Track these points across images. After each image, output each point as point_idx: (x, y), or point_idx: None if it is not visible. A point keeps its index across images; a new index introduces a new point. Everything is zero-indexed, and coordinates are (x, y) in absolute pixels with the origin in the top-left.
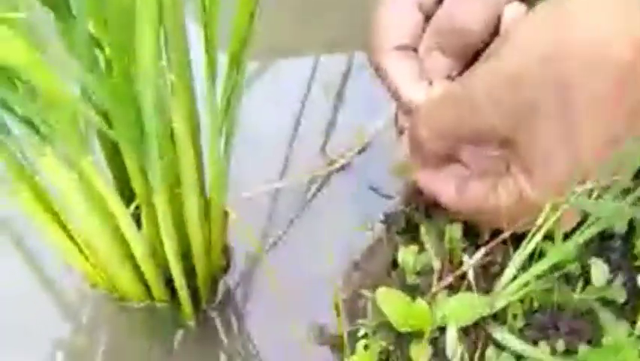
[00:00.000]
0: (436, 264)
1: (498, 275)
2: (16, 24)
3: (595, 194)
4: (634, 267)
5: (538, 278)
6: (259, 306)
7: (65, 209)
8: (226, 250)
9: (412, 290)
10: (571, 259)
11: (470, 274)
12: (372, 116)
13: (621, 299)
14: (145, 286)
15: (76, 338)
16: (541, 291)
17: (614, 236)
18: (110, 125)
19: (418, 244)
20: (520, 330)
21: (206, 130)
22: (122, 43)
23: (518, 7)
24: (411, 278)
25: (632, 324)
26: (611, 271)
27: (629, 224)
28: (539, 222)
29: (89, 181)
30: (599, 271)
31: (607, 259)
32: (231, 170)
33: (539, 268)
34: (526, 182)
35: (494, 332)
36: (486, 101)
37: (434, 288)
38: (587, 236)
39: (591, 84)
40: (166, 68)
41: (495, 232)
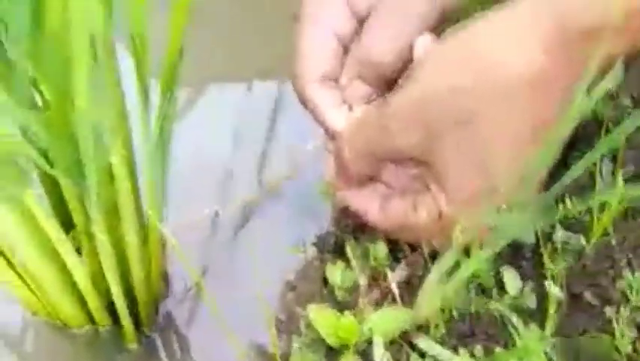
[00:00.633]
0: (362, 280)
1: (420, 288)
2: None
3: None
4: (542, 274)
5: (455, 289)
6: (200, 328)
7: (5, 238)
8: (165, 275)
9: (341, 306)
10: (485, 270)
11: (394, 289)
12: (304, 141)
13: (532, 305)
14: (87, 312)
15: None
16: (460, 301)
17: (523, 247)
18: (49, 162)
19: (347, 262)
20: (441, 338)
21: (141, 158)
22: (58, 84)
23: (428, 38)
24: (340, 295)
25: (542, 327)
26: (522, 279)
27: (536, 235)
28: (455, 236)
29: (30, 213)
30: (511, 279)
31: (518, 268)
32: (170, 197)
33: (457, 280)
34: (441, 198)
35: (418, 342)
36: (399, 125)
37: (360, 303)
38: (497, 248)
39: (494, 109)
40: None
41: (414, 247)
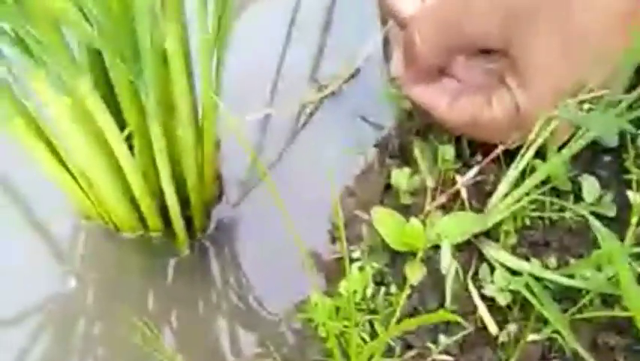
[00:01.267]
0: (430, 183)
1: (490, 194)
2: None
3: (586, 107)
4: (624, 181)
5: (529, 194)
6: (252, 234)
7: (59, 137)
8: (219, 179)
9: (405, 211)
10: (561, 174)
11: (463, 193)
12: (361, 42)
13: (611, 213)
14: (139, 215)
15: (73, 269)
16: (533, 208)
17: (605, 151)
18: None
19: (411, 167)
20: (512, 247)
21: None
22: None
23: None
24: (404, 199)
25: (622, 240)
26: (602, 187)
27: (620, 138)
28: (531, 137)
29: (83, 106)
30: (590, 186)
31: (598, 175)
32: (226, 98)
33: (531, 183)
34: (521, 93)
35: (487, 250)
36: (484, 8)
37: (427, 207)
38: (576, 149)
39: None
40: None
41: (487, 153)
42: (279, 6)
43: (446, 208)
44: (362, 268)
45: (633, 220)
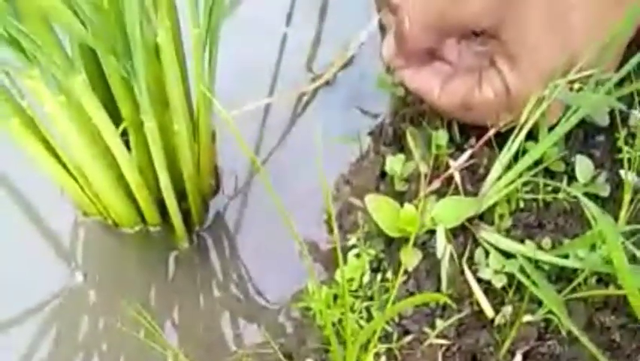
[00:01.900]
0: (423, 168)
1: (484, 178)
2: None
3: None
4: (617, 160)
5: (521, 176)
6: (250, 225)
7: (56, 135)
8: (215, 171)
9: (400, 198)
10: (554, 155)
11: (457, 177)
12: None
13: (605, 193)
14: (137, 210)
15: (72, 265)
16: (527, 190)
17: (597, 132)
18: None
19: (405, 153)
20: (507, 230)
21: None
22: None
23: None
24: (399, 185)
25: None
26: (595, 167)
27: (612, 117)
28: (523, 119)
29: (77, 103)
30: (583, 166)
31: (591, 156)
32: (221, 88)
33: (523, 165)
34: (511, 73)
35: (482, 233)
36: None
37: (422, 193)
38: (567, 128)
39: None
40: None
41: (480, 137)
42: None
43: (441, 193)
44: (358, 256)
45: (626, 199)
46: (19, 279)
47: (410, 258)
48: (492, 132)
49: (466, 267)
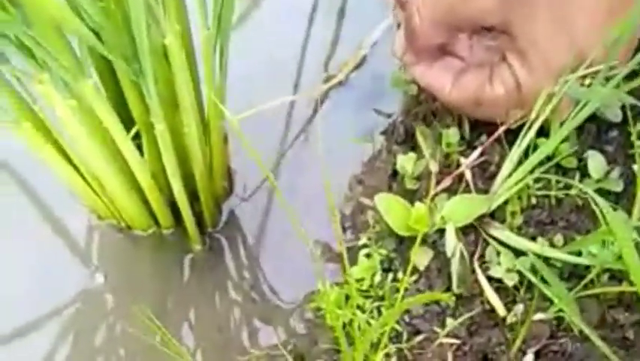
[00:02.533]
0: (433, 167)
1: (495, 175)
2: None
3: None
4: (630, 155)
5: (533, 172)
6: (264, 226)
7: (68, 139)
8: (228, 173)
9: (412, 196)
10: (565, 150)
11: (467, 175)
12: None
13: (618, 188)
14: (151, 213)
15: (88, 269)
16: (539, 187)
17: (610, 127)
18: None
19: (417, 152)
20: (518, 227)
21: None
22: None
23: None
24: (410, 184)
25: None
26: (608, 163)
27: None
28: (533, 115)
29: (88, 107)
30: (595, 162)
31: (604, 151)
32: (235, 89)
33: (534, 160)
34: (522, 69)
35: (493, 231)
36: None
37: (432, 191)
38: (577, 122)
39: None
40: None
41: (491, 134)
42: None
43: (452, 191)
44: (369, 255)
45: (639, 194)
46: (36, 282)
47: (421, 257)
48: (503, 129)
49: (476, 265)
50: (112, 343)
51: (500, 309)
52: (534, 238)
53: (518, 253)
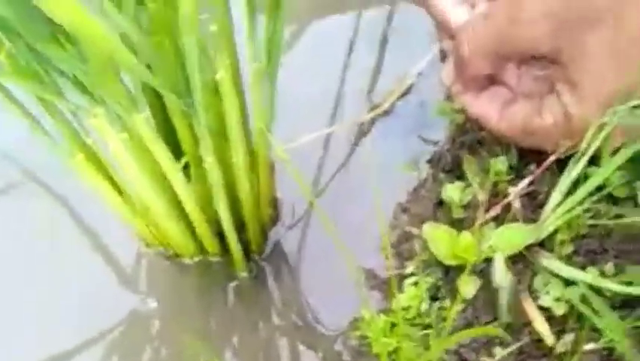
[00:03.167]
0: (481, 196)
1: (544, 205)
2: None
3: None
4: None
5: (583, 202)
6: (309, 254)
7: (119, 170)
8: (275, 202)
9: (458, 225)
10: (616, 180)
11: (516, 204)
12: (415, 62)
13: None
14: (197, 241)
15: (136, 295)
16: (589, 215)
17: None
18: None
19: (464, 181)
20: (568, 256)
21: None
22: None
23: None
24: (457, 213)
25: None
26: None
27: None
28: (584, 145)
29: (140, 140)
30: None
31: None
32: (281, 120)
33: (584, 191)
34: (572, 99)
35: (542, 260)
36: (535, 15)
37: (480, 220)
38: (629, 154)
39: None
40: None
41: (541, 163)
42: (336, 25)
43: (499, 220)
44: (416, 283)
45: None
46: (86, 307)
47: (468, 286)
48: (552, 159)
49: (525, 295)
50: None
51: (549, 338)
52: (584, 267)
53: (568, 282)
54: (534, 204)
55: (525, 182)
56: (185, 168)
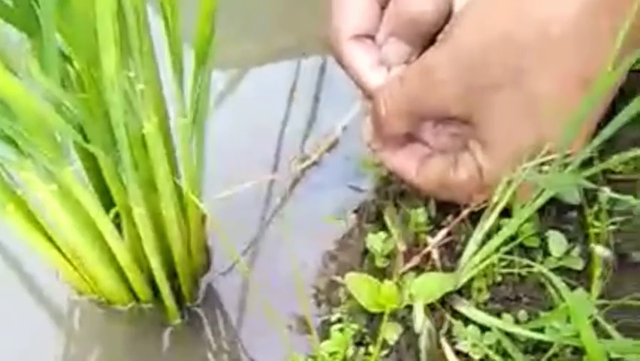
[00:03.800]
0: (401, 246)
1: (461, 254)
2: None
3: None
4: (589, 236)
5: (497, 251)
6: (241, 301)
7: (49, 220)
8: (206, 249)
9: (382, 274)
10: (527, 231)
11: (434, 254)
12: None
13: (578, 267)
14: (130, 288)
15: (67, 343)
16: (503, 265)
17: (570, 208)
18: (84, 136)
19: (387, 231)
20: (484, 303)
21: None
22: (87, 53)
23: None
24: (380, 262)
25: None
26: (569, 241)
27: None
28: (496, 198)
29: (69, 191)
30: (556, 242)
31: (565, 231)
32: (211, 171)
33: (497, 241)
34: (483, 156)
35: (460, 307)
36: (443, 80)
37: (401, 269)
38: (536, 207)
39: (541, 62)
40: (134, 78)
41: (459, 214)
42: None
43: (420, 269)
44: (342, 330)
45: (596, 273)
46: (17, 356)
47: (390, 332)
48: (466, 212)
49: (443, 340)
50: None
51: None
52: (499, 314)
53: (484, 328)
54: (452, 254)
55: (443, 232)
56: (116, 218)
